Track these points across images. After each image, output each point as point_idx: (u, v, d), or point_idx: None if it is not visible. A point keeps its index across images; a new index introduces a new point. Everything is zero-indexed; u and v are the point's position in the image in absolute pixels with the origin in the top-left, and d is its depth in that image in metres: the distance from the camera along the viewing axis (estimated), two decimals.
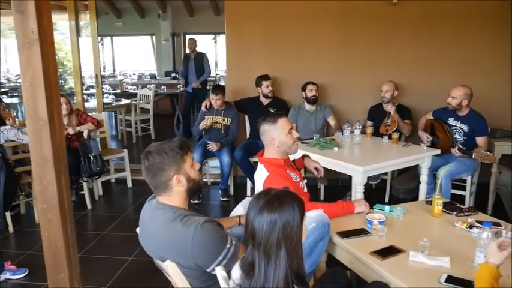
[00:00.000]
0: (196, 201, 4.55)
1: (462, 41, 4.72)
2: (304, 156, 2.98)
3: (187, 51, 7.74)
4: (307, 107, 4.76)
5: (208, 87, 7.74)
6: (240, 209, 2.39)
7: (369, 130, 4.37)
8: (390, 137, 4.14)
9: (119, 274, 3.24)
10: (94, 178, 4.58)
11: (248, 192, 4.80)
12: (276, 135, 2.44)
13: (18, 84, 11.42)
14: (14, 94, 10.70)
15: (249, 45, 5.02)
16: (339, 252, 2.30)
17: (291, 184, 2.34)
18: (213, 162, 4.89)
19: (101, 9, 11.06)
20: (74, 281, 2.70)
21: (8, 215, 3.88)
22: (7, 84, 11.50)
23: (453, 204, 2.75)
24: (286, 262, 1.37)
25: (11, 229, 3.98)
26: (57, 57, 2.59)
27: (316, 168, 2.88)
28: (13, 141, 3.89)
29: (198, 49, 7.78)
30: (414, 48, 4.82)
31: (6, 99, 8.81)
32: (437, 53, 4.79)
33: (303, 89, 4.73)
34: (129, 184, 5.20)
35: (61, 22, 7.50)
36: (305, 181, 2.70)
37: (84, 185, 4.50)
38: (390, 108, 4.41)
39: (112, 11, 12.52)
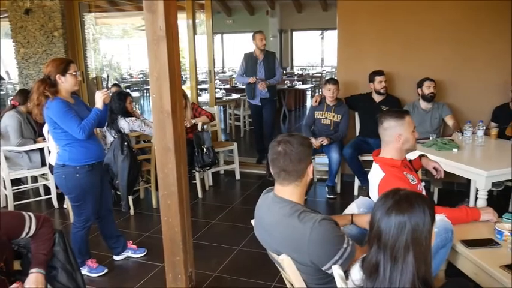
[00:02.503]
0: None
1: None
2: (421, 156, 2.81)
3: (254, 48, 5.48)
4: (423, 105, 4.48)
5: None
6: (353, 208, 2.33)
7: (494, 131, 3.98)
8: None
9: (228, 262, 3.36)
10: (206, 169, 4.80)
11: (355, 191, 4.67)
12: (403, 132, 2.32)
13: (139, 80, 12.44)
14: (135, 89, 11.67)
15: (361, 40, 4.87)
16: (461, 262, 2.13)
17: (408, 187, 2.21)
18: (321, 159, 4.84)
19: (213, 8, 11.56)
20: (188, 265, 2.85)
21: (130, 198, 4.23)
22: (129, 80, 12.55)
23: None
24: (413, 267, 1.29)
25: (132, 212, 4.34)
26: None
27: (435, 168, 2.70)
28: (136, 131, 4.22)
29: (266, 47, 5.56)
30: None
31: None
32: None
33: (419, 85, 4.46)
34: (237, 176, 5.36)
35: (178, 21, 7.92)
36: (423, 184, 2.54)
37: (197, 175, 4.73)
38: None
39: (223, 9, 13.01)
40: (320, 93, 5.47)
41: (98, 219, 3.29)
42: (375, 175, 2.36)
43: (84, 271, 3.16)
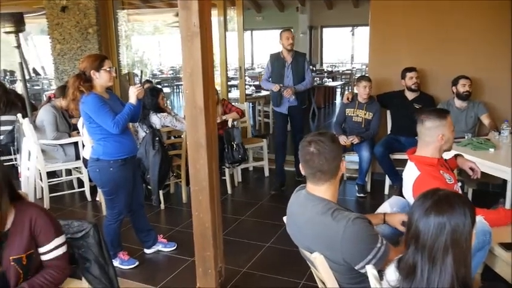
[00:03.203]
0: None
1: None
2: (457, 156, 2.74)
3: (281, 48, 4.74)
4: (458, 103, 4.37)
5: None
6: (386, 207, 2.29)
7: None
8: None
9: (257, 259, 3.36)
10: (235, 165, 4.81)
11: (386, 190, 4.60)
12: (445, 132, 2.27)
13: (169, 76, 12.58)
14: (165, 85, 11.81)
15: (393, 38, 4.76)
16: (500, 266, 2.06)
17: (444, 186, 2.16)
18: (350, 157, 4.79)
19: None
20: (217, 260, 2.88)
21: (160, 193, 4.29)
22: (160, 76, 12.70)
23: None
24: (452, 269, 1.26)
25: (162, 206, 4.40)
26: None
27: (471, 168, 2.63)
28: (168, 126, 4.27)
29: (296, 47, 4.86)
30: None
31: None
32: None
33: (454, 83, 4.35)
34: (266, 173, 5.36)
35: None
36: (459, 184, 2.48)
37: (226, 171, 4.75)
38: None
39: (253, 6, 13.00)
40: (350, 90, 5.38)
41: (130, 212, 3.34)
42: (410, 174, 2.31)
43: (115, 263, 3.21)
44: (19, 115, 4.72)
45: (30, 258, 1.80)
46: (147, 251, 3.52)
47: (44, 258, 1.86)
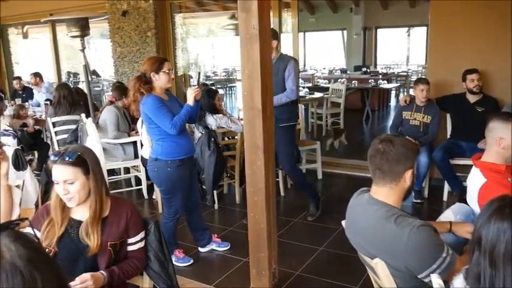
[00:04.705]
0: None
1: None
2: None
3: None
4: None
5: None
6: (449, 214, 2.20)
7: None
8: None
9: (310, 262, 3.33)
10: None
11: (444, 197, 4.42)
12: (505, 136, 2.14)
13: (222, 78, 12.78)
14: (218, 86, 12.00)
15: (454, 37, 4.57)
16: None
17: None
18: None
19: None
20: (272, 261, 2.88)
21: (214, 193, 4.35)
22: (213, 78, 12.93)
23: None
24: None
25: (216, 206, 4.46)
26: None
27: None
28: (223, 128, 4.33)
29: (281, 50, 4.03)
30: None
31: None
32: None
33: None
34: (319, 175, 5.29)
35: None
36: None
37: (279, 172, 4.74)
38: None
39: (306, 7, 12.94)
40: (405, 92, 5.22)
41: (186, 211, 3.42)
42: (475, 180, 2.20)
43: None
44: (83, 115, 4.96)
45: (122, 245, 1.97)
46: (201, 249, 3.58)
47: (129, 248, 2.01)
